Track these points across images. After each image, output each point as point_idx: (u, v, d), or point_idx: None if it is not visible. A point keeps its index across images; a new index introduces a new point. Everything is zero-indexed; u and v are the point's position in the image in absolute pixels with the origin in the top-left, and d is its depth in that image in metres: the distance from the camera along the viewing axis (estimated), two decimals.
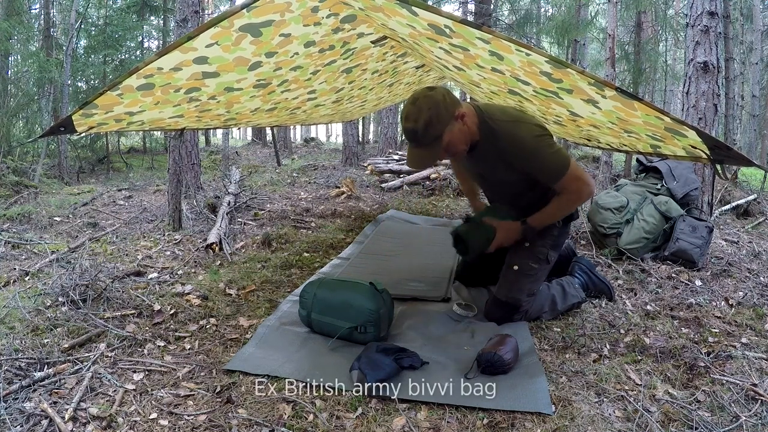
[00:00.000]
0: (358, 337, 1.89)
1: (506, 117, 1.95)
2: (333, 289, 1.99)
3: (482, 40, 1.52)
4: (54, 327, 1.97)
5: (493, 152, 1.97)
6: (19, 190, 5.24)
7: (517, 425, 1.45)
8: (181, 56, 1.73)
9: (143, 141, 10.83)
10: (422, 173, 6.11)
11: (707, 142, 1.49)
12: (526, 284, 2.10)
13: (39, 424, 1.39)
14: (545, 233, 2.12)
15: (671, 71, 10.91)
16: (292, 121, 3.98)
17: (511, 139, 1.90)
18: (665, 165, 3.44)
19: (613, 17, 5.06)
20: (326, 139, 23.04)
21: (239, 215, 4.21)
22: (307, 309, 2.00)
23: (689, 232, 2.95)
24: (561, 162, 1.90)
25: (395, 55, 2.98)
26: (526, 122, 1.94)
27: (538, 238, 2.11)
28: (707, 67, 3.33)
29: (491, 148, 1.96)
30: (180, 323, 2.11)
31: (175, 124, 2.66)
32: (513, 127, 1.91)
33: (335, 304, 1.94)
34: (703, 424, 1.45)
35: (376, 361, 1.65)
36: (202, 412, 1.48)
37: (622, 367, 1.78)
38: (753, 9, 10.26)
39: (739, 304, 2.38)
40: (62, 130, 1.95)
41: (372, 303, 1.89)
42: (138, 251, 3.14)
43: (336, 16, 2.01)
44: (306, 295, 2.02)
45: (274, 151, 9.08)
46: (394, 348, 1.76)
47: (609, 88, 1.42)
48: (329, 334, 1.92)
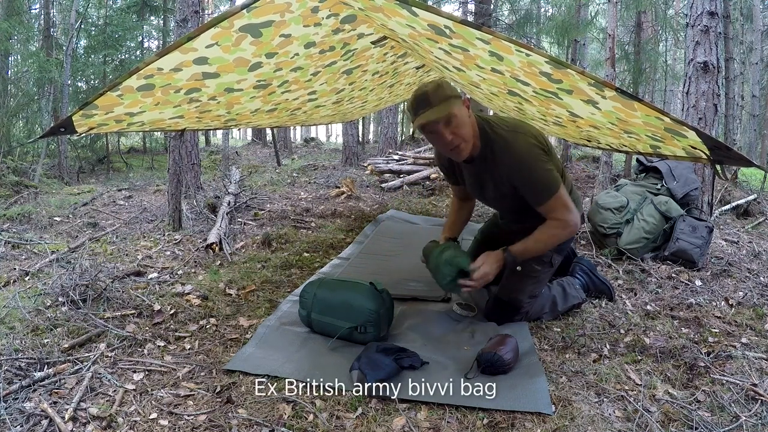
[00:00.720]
0: (358, 337, 1.89)
1: (505, 125, 1.92)
2: (333, 289, 1.99)
3: (482, 40, 1.51)
4: (54, 327, 1.97)
5: (491, 163, 1.93)
6: (19, 190, 5.24)
7: (517, 425, 1.45)
8: (181, 57, 1.73)
9: (143, 141, 10.84)
10: (422, 173, 6.11)
11: (707, 142, 1.49)
12: (529, 286, 2.10)
13: (39, 424, 1.39)
14: None
15: (671, 71, 10.91)
16: (293, 121, 3.98)
17: (505, 145, 1.87)
18: (665, 165, 3.45)
19: (613, 17, 5.07)
20: (326, 139, 23.04)
21: (239, 215, 4.22)
22: (307, 309, 2.00)
23: (689, 232, 2.95)
24: (550, 182, 1.85)
25: (395, 56, 2.98)
26: (523, 132, 1.90)
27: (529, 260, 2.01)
28: (707, 67, 3.33)
29: (489, 157, 1.92)
30: (180, 323, 2.11)
31: (176, 125, 2.66)
32: (510, 135, 1.89)
33: (335, 304, 1.94)
34: (703, 424, 1.45)
35: (376, 361, 1.65)
36: (202, 412, 1.48)
37: (622, 367, 1.78)
38: (753, 9, 10.26)
39: (739, 304, 2.39)
40: (62, 131, 1.94)
41: (372, 303, 1.89)
42: (138, 251, 3.14)
43: (336, 16, 2.01)
44: (306, 295, 2.02)
45: (274, 151, 9.08)
46: (394, 348, 1.76)
47: (609, 89, 1.42)
48: (329, 334, 1.93)
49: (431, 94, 1.77)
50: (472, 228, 3.72)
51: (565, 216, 1.88)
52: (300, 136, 21.65)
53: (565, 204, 1.88)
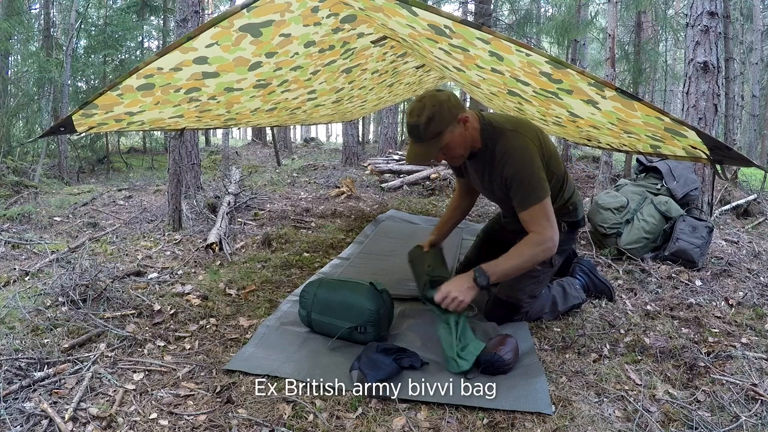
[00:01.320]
0: (358, 337, 1.89)
1: (507, 123, 1.93)
2: (333, 289, 1.99)
3: (482, 40, 1.51)
4: (54, 327, 1.97)
5: (490, 158, 1.94)
6: (19, 190, 5.24)
7: (517, 425, 1.45)
8: (181, 56, 1.73)
9: (143, 141, 10.84)
10: (422, 173, 6.11)
11: (707, 142, 1.49)
12: (528, 285, 2.10)
13: (39, 424, 1.39)
14: None
15: (671, 71, 10.91)
16: (292, 121, 3.98)
17: (503, 141, 1.88)
18: (665, 165, 3.44)
19: (613, 17, 5.07)
20: (326, 139, 23.06)
21: (239, 215, 4.21)
22: (307, 309, 2.00)
23: (689, 232, 2.95)
24: (537, 188, 1.83)
25: (395, 55, 2.98)
26: (523, 133, 1.91)
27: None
28: (707, 67, 3.34)
29: (489, 153, 1.94)
30: (180, 323, 2.11)
31: (175, 124, 2.66)
32: (510, 132, 1.90)
33: (335, 305, 1.94)
34: (703, 424, 1.45)
35: (376, 361, 1.65)
36: (202, 412, 1.48)
37: (622, 367, 1.78)
38: (753, 9, 10.26)
39: (739, 304, 2.38)
40: (62, 130, 1.95)
41: (372, 303, 1.89)
42: (138, 251, 3.14)
43: (336, 16, 2.01)
44: (306, 295, 2.02)
45: (274, 151, 9.08)
46: (394, 348, 1.76)
47: (609, 89, 1.42)
48: (329, 334, 1.92)
49: (423, 129, 1.79)
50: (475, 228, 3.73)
51: (544, 230, 1.81)
52: (300, 136, 21.66)
53: (548, 216, 1.83)
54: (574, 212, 2.16)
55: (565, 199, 2.12)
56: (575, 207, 2.16)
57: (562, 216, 2.08)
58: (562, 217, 2.09)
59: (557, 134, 3.04)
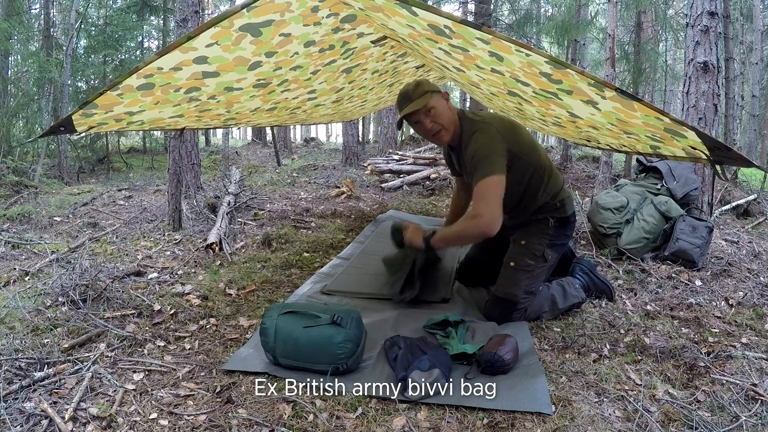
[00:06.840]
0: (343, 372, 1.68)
1: (479, 115, 2.11)
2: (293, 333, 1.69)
3: (482, 40, 1.51)
4: (54, 327, 1.97)
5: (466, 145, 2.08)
6: (19, 190, 5.25)
7: (517, 425, 1.45)
8: (181, 56, 1.73)
9: (143, 141, 10.84)
10: (422, 173, 6.11)
11: (707, 142, 1.49)
12: (523, 280, 2.12)
13: (39, 424, 1.39)
14: (538, 231, 2.17)
15: (671, 71, 10.90)
16: (292, 120, 3.98)
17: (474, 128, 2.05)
18: (665, 165, 3.44)
19: (613, 17, 5.07)
20: (326, 139, 23.05)
21: (239, 215, 4.21)
22: (272, 352, 1.72)
23: (689, 232, 2.95)
24: (487, 165, 1.94)
25: (395, 55, 2.98)
26: (491, 122, 2.06)
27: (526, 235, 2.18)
28: (707, 67, 3.34)
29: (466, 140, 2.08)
30: (180, 323, 2.11)
31: (175, 124, 2.66)
32: (480, 122, 2.06)
33: (302, 347, 1.68)
34: (703, 424, 1.45)
35: (437, 355, 1.68)
36: (202, 412, 1.48)
37: (622, 367, 1.78)
38: (753, 9, 10.25)
39: (739, 304, 2.38)
40: (62, 130, 1.94)
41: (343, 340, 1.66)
42: (138, 251, 3.14)
43: (336, 15, 2.01)
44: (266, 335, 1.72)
45: (274, 151, 9.07)
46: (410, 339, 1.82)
47: (609, 89, 1.42)
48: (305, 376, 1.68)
49: (411, 91, 2.05)
50: None
51: (481, 208, 1.92)
52: (300, 136, 21.65)
53: (489, 195, 1.92)
54: (563, 208, 2.21)
55: (551, 194, 2.19)
56: (563, 203, 2.21)
57: (549, 212, 2.19)
58: (550, 213, 2.19)
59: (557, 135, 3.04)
